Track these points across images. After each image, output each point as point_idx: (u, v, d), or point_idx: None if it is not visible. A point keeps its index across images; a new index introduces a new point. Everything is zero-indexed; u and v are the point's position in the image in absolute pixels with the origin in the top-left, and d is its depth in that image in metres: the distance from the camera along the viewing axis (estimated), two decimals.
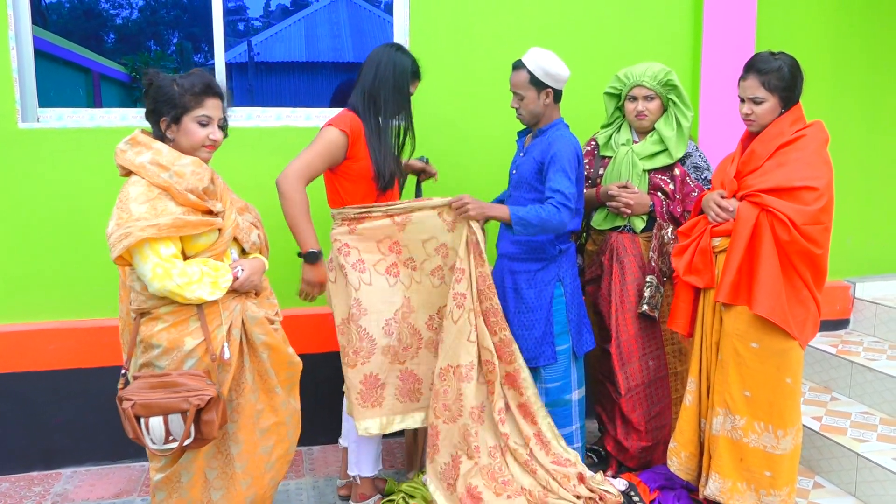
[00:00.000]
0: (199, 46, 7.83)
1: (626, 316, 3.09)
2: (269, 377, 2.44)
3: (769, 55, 2.69)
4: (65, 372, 3.37)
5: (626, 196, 3.02)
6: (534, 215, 2.74)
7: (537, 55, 2.90)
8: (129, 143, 2.29)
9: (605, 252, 3.16)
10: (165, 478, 2.33)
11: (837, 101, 4.17)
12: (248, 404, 2.39)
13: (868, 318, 4.17)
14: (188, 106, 2.27)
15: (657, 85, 3.03)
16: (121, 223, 2.15)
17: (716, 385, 2.77)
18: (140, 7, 7.44)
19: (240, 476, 2.41)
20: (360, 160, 2.76)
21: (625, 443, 3.13)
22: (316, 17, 10.16)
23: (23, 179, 3.28)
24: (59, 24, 6.94)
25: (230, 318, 2.30)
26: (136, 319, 2.29)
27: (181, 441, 2.19)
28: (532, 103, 2.92)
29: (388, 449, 3.66)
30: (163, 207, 2.18)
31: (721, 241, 2.73)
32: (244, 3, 8.40)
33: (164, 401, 2.16)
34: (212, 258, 2.29)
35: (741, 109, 2.75)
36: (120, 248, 2.13)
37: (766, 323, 2.61)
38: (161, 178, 2.20)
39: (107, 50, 7.46)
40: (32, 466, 3.40)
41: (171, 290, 2.17)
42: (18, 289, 3.35)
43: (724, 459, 2.74)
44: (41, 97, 3.38)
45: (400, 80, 2.80)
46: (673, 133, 3.06)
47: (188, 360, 2.24)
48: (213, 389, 2.20)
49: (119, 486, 3.27)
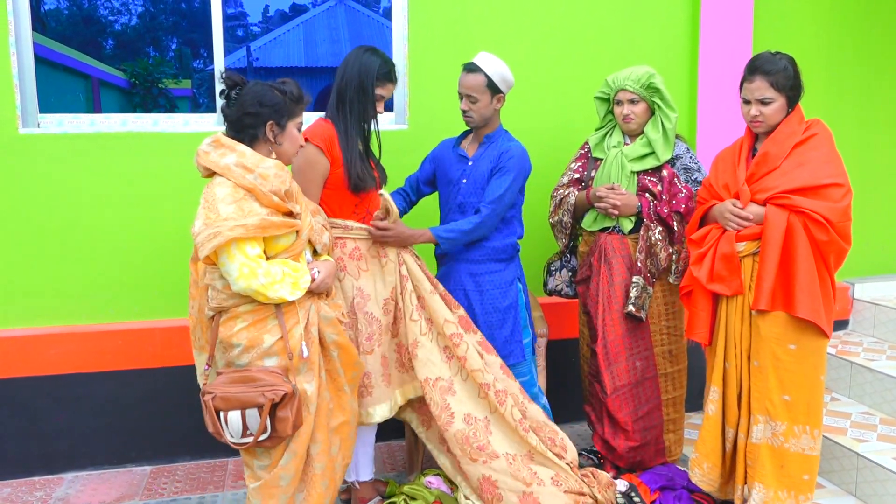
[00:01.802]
0: (198, 52, 7.86)
1: (613, 316, 3.11)
2: (339, 376, 2.50)
3: (771, 55, 2.68)
4: (66, 377, 3.37)
5: (613, 197, 3.04)
6: (457, 230, 2.88)
7: (491, 60, 2.94)
8: (213, 144, 2.32)
9: (594, 253, 3.18)
10: (263, 484, 2.36)
11: (833, 101, 4.19)
12: (322, 403, 2.44)
13: (867, 319, 4.18)
14: (293, 112, 2.37)
15: (640, 88, 3.05)
16: (209, 223, 2.19)
17: (754, 392, 2.70)
18: (139, 13, 7.47)
19: (319, 477, 2.45)
20: (339, 166, 2.75)
21: (612, 442, 3.15)
22: (314, 23, 10.19)
23: (23, 185, 3.29)
24: (58, 30, 6.96)
25: (306, 317, 2.36)
26: (215, 318, 2.34)
27: (256, 435, 2.23)
28: (485, 107, 2.97)
29: (390, 451, 3.67)
30: (249, 208, 2.23)
31: (746, 245, 2.68)
32: (244, 9, 8.44)
33: (242, 395, 2.21)
34: (290, 259, 2.35)
35: (747, 112, 2.71)
36: (210, 247, 2.17)
37: (801, 323, 2.58)
38: (247, 179, 2.25)
39: (106, 56, 7.49)
40: (34, 471, 3.40)
41: (256, 289, 2.21)
42: (19, 294, 3.35)
43: (767, 468, 2.68)
44: (41, 103, 3.39)
45: (365, 81, 2.75)
46: (659, 136, 3.08)
47: (268, 358, 2.29)
48: (289, 386, 2.24)
49: (121, 491, 3.27)
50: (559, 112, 3.83)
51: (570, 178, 3.29)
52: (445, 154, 3.19)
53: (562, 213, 3.24)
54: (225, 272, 2.23)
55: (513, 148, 2.99)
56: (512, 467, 2.78)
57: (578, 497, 2.81)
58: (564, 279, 3.35)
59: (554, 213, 3.28)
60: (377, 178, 2.88)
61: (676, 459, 3.30)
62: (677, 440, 3.27)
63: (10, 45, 3.21)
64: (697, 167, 3.16)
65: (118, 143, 3.36)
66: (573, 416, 3.83)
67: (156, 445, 3.50)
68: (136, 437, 3.48)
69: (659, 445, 3.20)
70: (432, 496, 2.90)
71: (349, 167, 2.75)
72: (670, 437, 3.23)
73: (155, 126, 3.46)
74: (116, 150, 3.36)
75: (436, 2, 3.62)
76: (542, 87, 3.79)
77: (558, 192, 3.28)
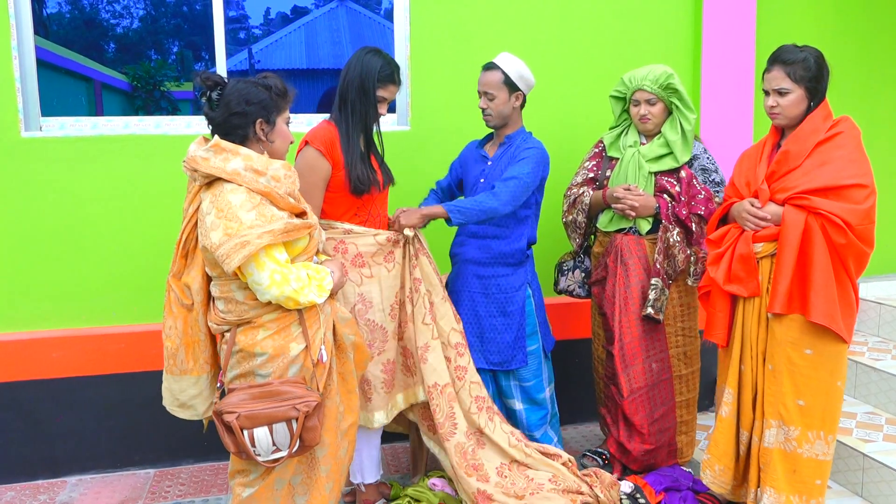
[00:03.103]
0: (200, 55, 7.86)
1: (629, 318, 3.08)
2: (352, 378, 2.46)
3: (794, 47, 2.62)
4: (69, 380, 3.37)
5: (631, 198, 3.00)
6: (469, 201, 2.82)
7: (510, 59, 2.94)
8: (212, 149, 2.18)
9: (610, 254, 3.15)
10: (257, 492, 2.31)
11: (834, 101, 4.14)
12: (333, 406, 2.40)
13: (872, 319, 4.16)
14: (280, 107, 2.29)
15: (658, 89, 3.01)
16: (231, 233, 2.08)
17: (768, 396, 2.65)
18: (141, 17, 7.46)
19: (324, 480, 2.41)
20: (340, 169, 2.73)
21: (627, 445, 3.12)
22: (316, 25, 10.18)
23: (26, 188, 3.29)
24: (60, 34, 6.96)
25: (326, 321, 2.31)
26: (231, 331, 2.24)
27: (290, 449, 2.17)
28: (503, 104, 2.94)
29: (394, 453, 3.66)
30: (270, 213, 2.16)
31: (764, 247, 2.63)
32: (245, 12, 8.43)
33: (270, 410, 2.14)
34: (307, 262, 2.30)
35: (765, 103, 2.65)
36: (240, 259, 2.06)
37: (818, 327, 2.52)
38: (260, 183, 2.16)
39: (108, 59, 7.49)
40: (37, 475, 3.40)
41: (289, 295, 2.15)
42: (22, 297, 3.35)
43: (779, 473, 2.63)
44: (44, 106, 3.39)
45: (366, 83, 2.73)
46: (678, 137, 3.04)
47: (293, 366, 2.23)
48: (317, 395, 2.20)
49: (124, 494, 3.27)
50: (562, 111, 3.81)
51: (585, 177, 3.24)
52: (469, 155, 3.19)
53: (576, 213, 3.19)
54: (254, 282, 2.14)
55: (533, 144, 2.97)
56: (507, 480, 2.79)
57: (577, 496, 2.80)
58: (577, 280, 3.30)
59: (568, 212, 3.24)
60: (381, 181, 2.87)
61: (687, 461, 3.28)
62: (689, 442, 3.26)
63: (13, 49, 3.22)
64: (715, 168, 3.13)
65: (120, 146, 3.36)
66: (579, 417, 3.82)
67: (159, 448, 3.50)
68: (139, 439, 3.48)
69: (672, 447, 3.18)
70: (437, 498, 2.89)
71: (350, 170, 2.73)
72: (682, 439, 3.22)
73: (157, 129, 3.46)
74: (118, 153, 3.35)
75: (437, 3, 3.61)
76: (545, 86, 3.78)
77: (572, 192, 3.24)
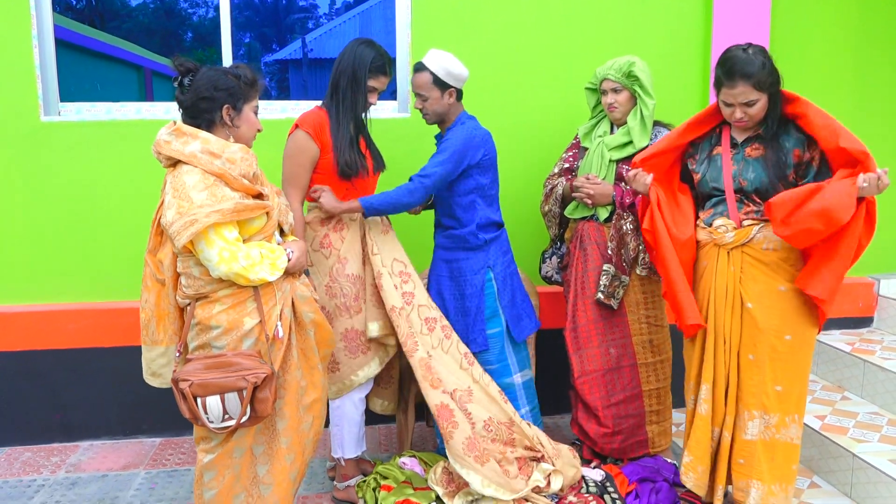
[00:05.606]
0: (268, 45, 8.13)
1: (585, 302, 3.13)
2: (313, 354, 2.55)
3: (743, 52, 2.52)
4: (84, 350, 3.58)
5: (587, 187, 3.05)
6: (381, 199, 2.86)
7: (437, 56, 2.95)
8: (174, 133, 2.31)
9: (573, 240, 3.22)
10: (216, 458, 2.41)
11: (856, 96, 4.01)
12: (293, 381, 2.49)
13: (892, 317, 4.00)
14: (248, 95, 2.40)
15: (622, 77, 3.02)
16: (182, 212, 2.19)
17: (749, 387, 2.62)
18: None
19: (284, 451, 2.51)
20: (329, 152, 2.84)
21: (585, 426, 3.17)
22: (371, 14, 10.28)
23: (45, 170, 3.50)
24: (114, 24, 7.34)
25: (283, 298, 2.41)
26: (191, 304, 2.37)
27: (238, 418, 2.27)
28: (436, 103, 2.98)
29: (388, 434, 3.74)
30: (222, 194, 2.25)
31: (736, 235, 2.64)
32: (314, 1, 8.68)
33: (220, 380, 2.24)
34: (264, 241, 2.40)
35: (730, 114, 2.59)
36: (188, 235, 2.17)
37: (796, 312, 2.57)
38: (215, 165, 2.27)
39: (165, 49, 7.85)
40: (53, 438, 3.63)
41: (237, 272, 2.25)
42: (41, 272, 3.57)
43: (763, 464, 2.62)
44: (93, 93, 3.54)
45: (358, 72, 2.83)
46: (636, 123, 3.04)
47: (246, 339, 2.33)
48: (268, 368, 2.29)
49: (127, 459, 3.46)
50: (565, 103, 3.78)
51: (561, 167, 3.31)
52: None
53: (552, 203, 3.26)
54: (204, 258, 2.25)
55: (455, 130, 2.97)
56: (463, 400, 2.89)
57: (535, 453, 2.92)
58: (554, 266, 3.39)
59: (545, 202, 3.30)
60: (370, 166, 2.95)
61: (663, 451, 3.25)
62: (662, 431, 3.22)
63: (33, 38, 3.41)
64: None
65: (131, 131, 3.52)
66: (565, 408, 3.79)
67: (166, 418, 3.66)
68: (148, 409, 3.66)
69: (640, 437, 3.16)
70: (403, 476, 2.95)
71: (338, 153, 2.84)
72: (654, 429, 3.19)
73: (167, 114, 3.62)
74: (131, 137, 3.52)
75: None
76: (547, 78, 3.77)
77: (549, 182, 3.30)
